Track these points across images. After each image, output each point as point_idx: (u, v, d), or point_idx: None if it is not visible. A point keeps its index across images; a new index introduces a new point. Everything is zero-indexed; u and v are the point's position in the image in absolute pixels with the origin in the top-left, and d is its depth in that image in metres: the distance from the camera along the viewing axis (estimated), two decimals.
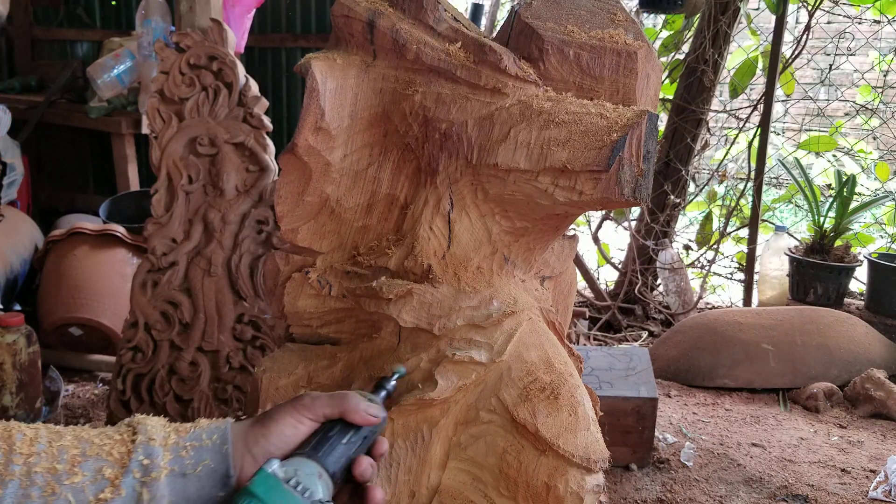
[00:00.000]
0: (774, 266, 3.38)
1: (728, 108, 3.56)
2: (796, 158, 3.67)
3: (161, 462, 0.73)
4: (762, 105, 3.26)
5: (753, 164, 3.30)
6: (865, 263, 3.11)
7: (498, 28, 1.48)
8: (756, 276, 3.40)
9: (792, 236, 3.53)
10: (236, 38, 2.15)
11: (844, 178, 3.30)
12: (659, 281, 3.52)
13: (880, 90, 4.21)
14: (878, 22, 3.69)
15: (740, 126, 3.44)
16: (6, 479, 0.69)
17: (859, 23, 3.58)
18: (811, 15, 3.19)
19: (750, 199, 3.33)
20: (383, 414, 0.83)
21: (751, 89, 4.25)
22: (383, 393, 0.90)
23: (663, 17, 3.48)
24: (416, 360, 0.97)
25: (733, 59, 3.53)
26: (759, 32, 3.54)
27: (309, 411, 0.79)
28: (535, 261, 1.05)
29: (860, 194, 3.68)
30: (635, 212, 3.68)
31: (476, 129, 0.93)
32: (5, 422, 0.74)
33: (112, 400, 2.10)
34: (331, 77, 0.94)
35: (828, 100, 5.12)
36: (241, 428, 0.79)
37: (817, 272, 3.14)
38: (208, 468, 0.75)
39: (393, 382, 0.92)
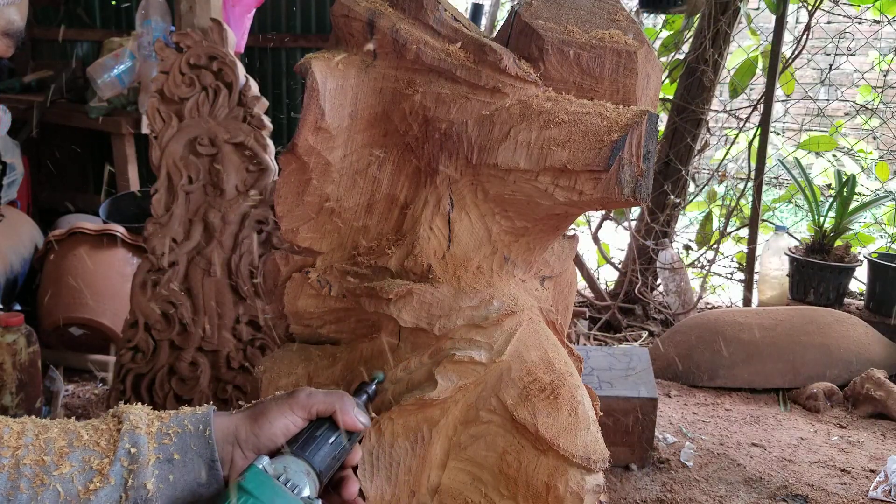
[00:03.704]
0: (774, 266, 3.38)
1: (728, 108, 3.56)
2: (796, 158, 3.67)
3: (146, 449, 0.75)
4: (762, 105, 3.26)
5: (753, 164, 3.30)
6: (865, 263, 3.11)
7: (498, 28, 1.48)
8: (756, 276, 3.40)
9: (792, 236, 3.53)
10: (236, 38, 2.15)
11: (844, 178, 3.29)
12: (659, 281, 3.52)
13: (880, 90, 4.21)
14: (878, 22, 3.69)
15: (740, 126, 3.44)
16: None
17: (859, 23, 3.58)
18: (811, 15, 3.19)
19: (750, 199, 3.32)
20: (369, 422, 0.85)
21: (751, 89, 4.25)
22: (364, 397, 0.91)
23: (663, 17, 3.48)
24: (417, 359, 0.97)
25: (733, 59, 3.53)
26: (759, 32, 3.54)
27: (303, 410, 0.81)
28: (535, 261, 1.05)
29: (860, 194, 3.68)
30: (635, 212, 3.68)
31: (476, 129, 0.93)
32: None
33: (112, 400, 2.10)
34: (331, 77, 0.94)
35: (828, 100, 5.12)
36: (233, 420, 0.80)
37: (817, 272, 3.14)
38: (193, 453, 0.76)
39: (373, 387, 0.93)
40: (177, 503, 0.76)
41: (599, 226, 3.61)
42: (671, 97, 3.45)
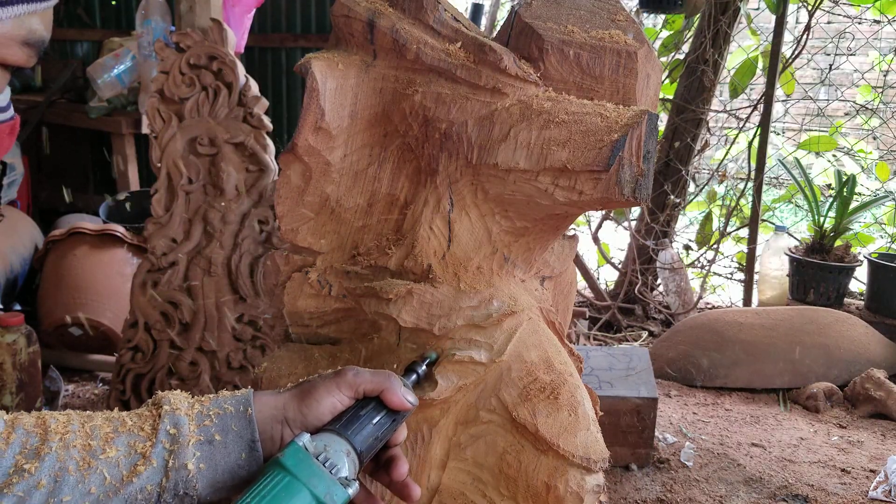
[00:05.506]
0: (774, 266, 3.38)
1: (728, 108, 3.56)
2: (796, 158, 3.67)
3: (187, 430, 0.76)
4: (762, 105, 3.26)
5: (753, 164, 3.30)
6: (865, 263, 3.11)
7: (498, 28, 1.48)
8: (756, 276, 3.40)
9: (792, 236, 3.53)
10: (236, 38, 2.15)
11: (844, 178, 3.29)
12: (659, 281, 3.52)
13: (880, 90, 4.21)
14: (878, 22, 3.69)
15: (740, 126, 3.44)
16: (43, 453, 0.72)
17: (859, 23, 3.58)
18: (811, 15, 3.19)
19: (750, 199, 3.32)
20: (417, 401, 0.84)
21: (751, 89, 4.25)
22: (414, 377, 0.90)
23: (663, 17, 3.48)
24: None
25: (733, 59, 3.53)
26: (759, 32, 3.54)
27: (350, 389, 0.81)
28: (535, 261, 1.05)
29: (860, 194, 3.68)
30: (635, 212, 3.68)
31: (476, 129, 0.93)
32: (37, 412, 0.77)
33: (112, 400, 2.10)
34: (331, 77, 0.94)
35: (828, 100, 5.12)
36: (281, 399, 0.80)
37: (817, 272, 3.14)
38: (234, 434, 0.77)
39: (424, 367, 0.92)
40: (217, 486, 0.76)
41: (599, 226, 3.61)
42: (671, 97, 3.45)
